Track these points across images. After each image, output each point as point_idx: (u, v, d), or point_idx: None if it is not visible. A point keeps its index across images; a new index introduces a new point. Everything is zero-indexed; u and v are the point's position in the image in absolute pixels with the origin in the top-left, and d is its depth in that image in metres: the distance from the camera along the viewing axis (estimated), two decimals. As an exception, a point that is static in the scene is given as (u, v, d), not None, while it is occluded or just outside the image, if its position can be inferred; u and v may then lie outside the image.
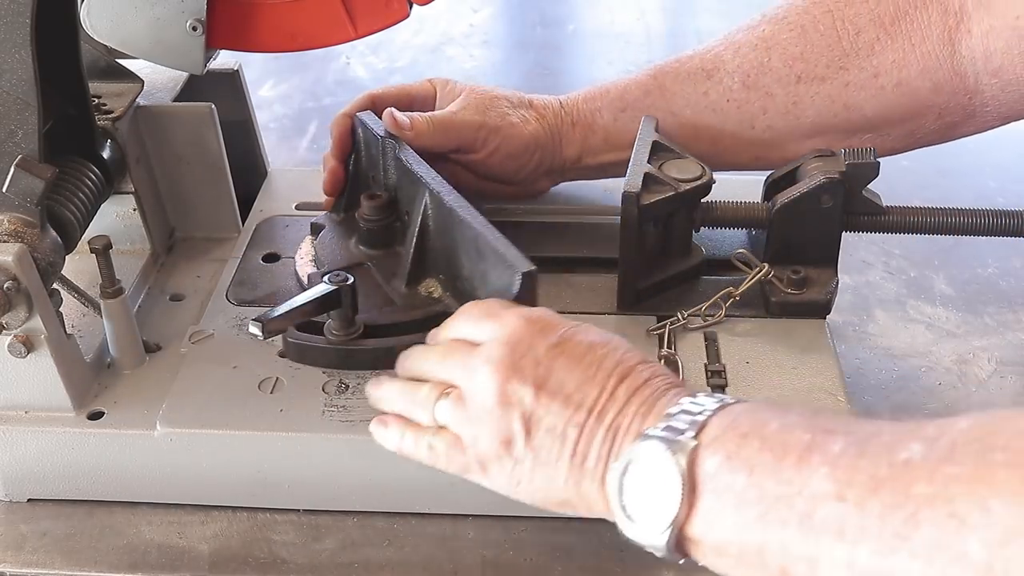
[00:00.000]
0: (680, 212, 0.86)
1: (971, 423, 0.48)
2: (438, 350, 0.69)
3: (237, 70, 1.01)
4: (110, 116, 0.89)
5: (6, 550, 0.78)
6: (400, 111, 0.89)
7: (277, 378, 0.81)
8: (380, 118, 0.89)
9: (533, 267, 0.71)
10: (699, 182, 0.84)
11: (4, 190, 0.74)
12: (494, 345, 0.64)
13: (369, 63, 1.50)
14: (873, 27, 0.84)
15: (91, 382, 0.81)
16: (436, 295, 0.83)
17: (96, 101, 0.89)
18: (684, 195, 0.84)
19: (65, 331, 0.78)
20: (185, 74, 0.96)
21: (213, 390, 0.80)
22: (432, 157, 0.86)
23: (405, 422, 0.69)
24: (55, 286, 0.79)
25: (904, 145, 0.89)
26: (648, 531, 0.55)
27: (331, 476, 0.78)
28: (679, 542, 0.55)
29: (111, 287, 0.80)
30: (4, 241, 0.74)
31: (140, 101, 0.93)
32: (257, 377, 0.81)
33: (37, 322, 0.74)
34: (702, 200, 0.87)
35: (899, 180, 0.88)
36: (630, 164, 0.84)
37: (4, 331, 0.74)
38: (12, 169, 0.73)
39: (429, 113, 0.90)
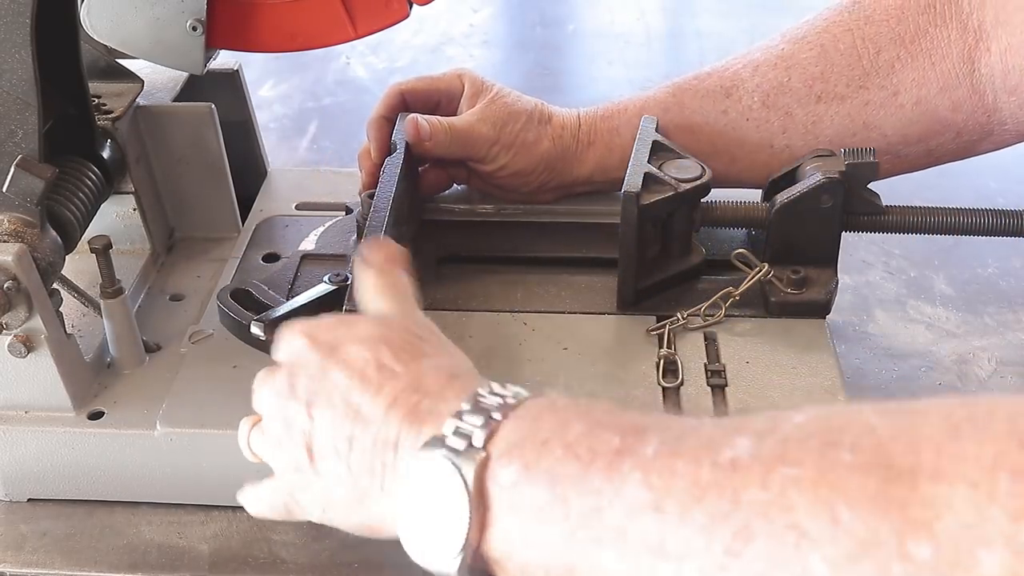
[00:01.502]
0: (680, 212, 0.86)
1: (808, 417, 0.42)
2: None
3: (237, 70, 1.01)
4: (110, 116, 0.89)
5: (6, 550, 0.78)
6: (426, 111, 0.90)
7: (277, 378, 0.81)
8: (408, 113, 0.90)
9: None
10: (699, 182, 0.84)
11: (4, 190, 0.74)
12: (275, 368, 0.60)
13: (369, 63, 1.50)
14: (893, 46, 0.84)
15: (91, 382, 0.81)
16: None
17: (96, 101, 0.89)
18: (684, 195, 0.84)
19: (65, 331, 0.78)
20: (185, 74, 0.96)
21: (213, 390, 0.80)
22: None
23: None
24: (55, 286, 0.79)
25: (922, 164, 0.89)
26: (439, 558, 0.49)
27: (331, 476, 0.78)
28: (480, 567, 0.48)
29: (111, 287, 0.80)
30: (4, 241, 0.74)
31: (140, 101, 0.93)
32: (257, 377, 0.81)
33: (37, 322, 0.74)
34: (702, 200, 0.87)
35: (899, 180, 0.88)
36: (630, 164, 0.84)
37: (4, 331, 0.74)
38: (12, 169, 0.73)
39: (449, 120, 0.90)
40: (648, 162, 0.85)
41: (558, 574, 0.46)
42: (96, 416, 0.79)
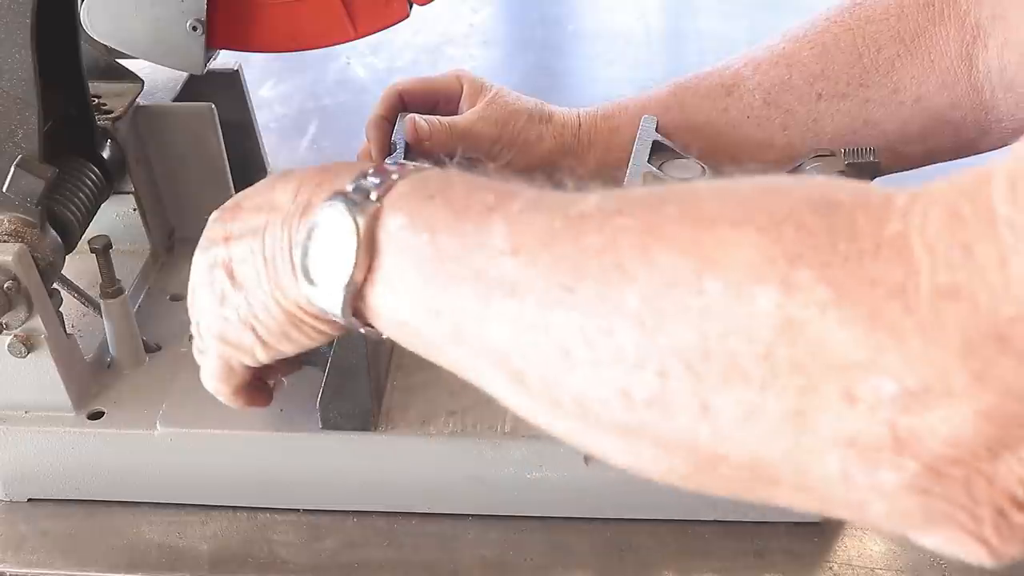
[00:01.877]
0: None
1: (654, 188, 0.47)
2: None
3: (237, 70, 1.01)
4: (110, 116, 0.89)
5: (6, 550, 0.78)
6: (424, 111, 0.89)
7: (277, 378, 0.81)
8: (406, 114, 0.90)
9: None
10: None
11: (4, 190, 0.74)
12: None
13: (369, 63, 1.50)
14: (893, 44, 0.84)
15: (91, 382, 0.81)
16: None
17: (96, 101, 0.89)
18: None
19: (65, 331, 0.78)
20: (185, 74, 0.96)
21: (213, 390, 0.80)
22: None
23: None
24: (55, 286, 0.79)
25: (921, 161, 0.89)
26: (326, 293, 0.52)
27: (331, 476, 0.78)
28: (359, 309, 0.52)
29: (111, 287, 0.80)
30: (4, 241, 0.74)
31: (140, 101, 0.93)
32: (257, 377, 0.81)
33: (37, 322, 0.74)
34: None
35: (899, 180, 0.88)
36: (630, 164, 0.84)
37: (4, 331, 0.74)
38: (12, 169, 0.73)
39: (450, 119, 0.90)
40: (648, 162, 0.85)
41: (426, 311, 0.49)
42: (96, 416, 0.79)
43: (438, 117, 0.89)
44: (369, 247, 0.50)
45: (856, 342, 0.35)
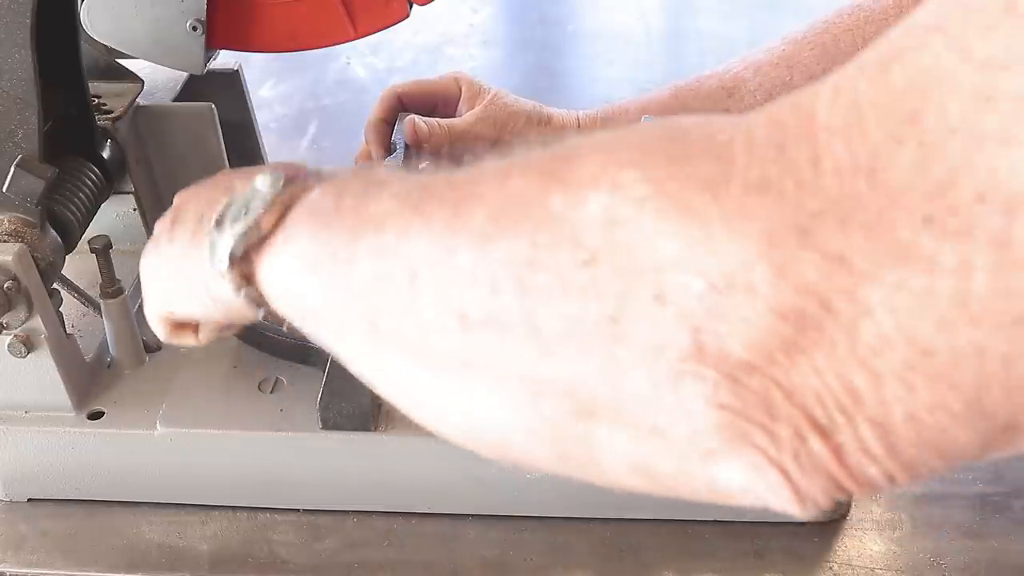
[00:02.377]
0: None
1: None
2: None
3: (237, 70, 1.01)
4: (110, 116, 0.88)
5: (6, 550, 0.78)
6: (423, 113, 0.90)
7: (277, 378, 0.81)
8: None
9: None
10: None
11: (4, 190, 0.74)
12: None
13: (369, 63, 1.50)
14: None
15: (91, 382, 0.81)
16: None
17: (96, 101, 0.89)
18: None
19: (65, 331, 0.78)
20: (185, 74, 0.96)
21: (213, 390, 0.80)
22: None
23: None
24: (55, 286, 0.79)
25: None
26: (222, 244, 0.51)
27: (331, 476, 0.78)
28: (248, 273, 0.50)
29: (111, 287, 0.80)
30: (4, 241, 0.74)
31: (140, 101, 0.92)
32: (257, 377, 0.81)
33: (37, 322, 0.74)
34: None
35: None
36: None
37: (4, 331, 0.74)
38: (12, 169, 0.73)
39: (449, 122, 0.90)
40: None
41: (305, 278, 0.48)
42: (96, 416, 0.79)
43: (437, 119, 0.90)
44: (279, 212, 0.50)
45: (668, 236, 0.35)
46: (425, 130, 0.88)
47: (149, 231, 0.94)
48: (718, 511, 0.77)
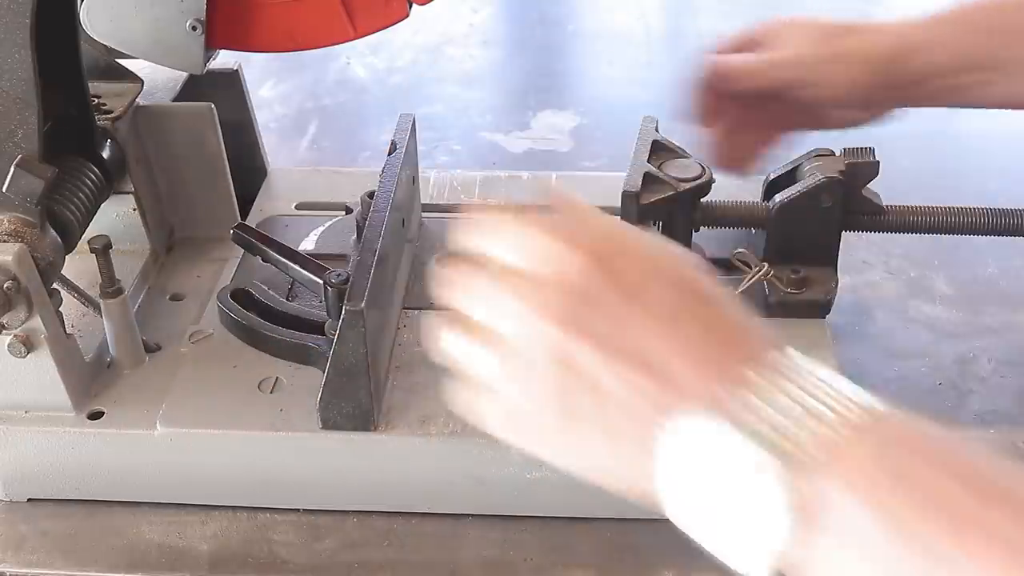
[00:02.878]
0: (680, 212, 0.86)
1: None
2: (482, 283, 0.54)
3: (237, 70, 1.01)
4: (110, 116, 0.89)
5: (6, 550, 0.78)
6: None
7: (277, 378, 0.81)
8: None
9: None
10: (699, 181, 0.84)
11: (4, 190, 0.74)
12: (524, 278, 0.52)
13: (369, 63, 1.50)
14: None
15: (91, 382, 0.81)
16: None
17: (96, 101, 0.89)
18: (684, 195, 0.84)
19: (65, 331, 0.78)
20: (185, 74, 0.96)
21: (213, 390, 0.80)
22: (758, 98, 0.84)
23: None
24: (55, 286, 0.79)
25: None
26: (742, 561, 0.45)
27: (331, 476, 0.78)
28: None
29: (111, 287, 0.80)
30: (4, 241, 0.74)
31: (140, 101, 0.93)
32: (257, 377, 0.81)
33: (37, 322, 0.74)
34: (701, 200, 0.87)
35: (899, 180, 0.88)
36: (630, 164, 0.84)
37: (4, 331, 0.74)
38: (12, 169, 0.73)
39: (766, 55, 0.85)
40: (649, 162, 0.85)
41: None
42: (96, 416, 0.79)
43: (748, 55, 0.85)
44: (802, 522, 0.42)
45: None
46: (736, 63, 0.84)
47: (149, 231, 0.94)
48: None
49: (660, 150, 0.87)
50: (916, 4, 0.86)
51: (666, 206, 0.84)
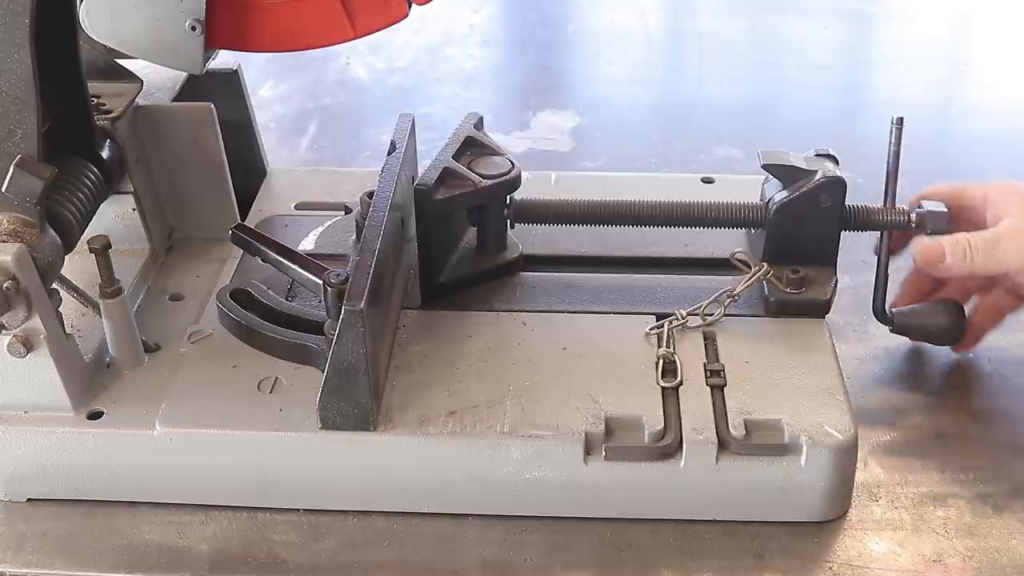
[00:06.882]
0: (490, 208, 0.87)
1: None
2: None
3: (237, 70, 1.01)
4: (109, 116, 0.89)
5: (6, 550, 0.78)
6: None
7: (277, 378, 0.81)
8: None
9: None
10: (503, 179, 0.85)
11: (3, 190, 0.74)
12: None
13: (369, 63, 1.50)
14: None
15: (90, 382, 0.81)
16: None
17: (95, 101, 0.89)
18: (484, 191, 0.85)
19: (64, 331, 0.78)
20: (184, 74, 0.96)
21: (213, 390, 0.80)
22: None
23: None
24: (54, 286, 0.79)
25: None
26: None
27: (331, 476, 0.78)
28: None
29: (110, 287, 0.80)
30: (4, 241, 0.74)
31: (139, 101, 0.93)
32: (257, 377, 0.81)
33: (36, 322, 0.74)
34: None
35: (899, 180, 0.88)
36: (432, 159, 0.86)
37: (4, 331, 0.74)
38: (11, 169, 0.73)
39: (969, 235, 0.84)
40: (457, 159, 0.86)
41: None
42: (96, 416, 0.79)
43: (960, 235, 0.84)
44: None
45: None
46: (940, 252, 0.84)
47: (149, 231, 0.94)
48: (718, 511, 0.77)
49: (473, 147, 0.88)
50: (916, 4, 0.86)
51: (463, 201, 0.85)
